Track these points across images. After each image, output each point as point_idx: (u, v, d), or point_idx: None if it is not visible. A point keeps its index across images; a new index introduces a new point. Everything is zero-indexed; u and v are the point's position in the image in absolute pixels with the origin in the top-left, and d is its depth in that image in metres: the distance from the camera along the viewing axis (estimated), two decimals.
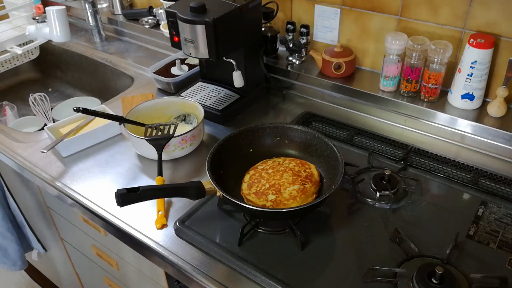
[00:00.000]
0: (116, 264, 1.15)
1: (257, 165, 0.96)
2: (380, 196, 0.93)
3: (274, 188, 0.88)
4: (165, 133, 1.03)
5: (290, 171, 0.91)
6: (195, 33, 1.02)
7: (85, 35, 1.77)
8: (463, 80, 1.07)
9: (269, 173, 0.92)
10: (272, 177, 0.90)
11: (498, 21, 1.02)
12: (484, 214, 0.88)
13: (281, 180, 0.89)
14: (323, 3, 1.25)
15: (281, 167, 0.93)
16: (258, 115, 1.23)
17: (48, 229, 1.38)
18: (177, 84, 1.31)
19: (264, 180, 0.90)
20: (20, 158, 1.11)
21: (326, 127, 1.16)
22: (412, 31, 1.14)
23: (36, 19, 1.65)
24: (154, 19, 1.65)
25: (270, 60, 1.34)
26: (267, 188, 0.88)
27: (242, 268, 0.79)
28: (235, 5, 1.05)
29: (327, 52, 1.24)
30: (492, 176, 0.97)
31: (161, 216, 0.90)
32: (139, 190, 0.79)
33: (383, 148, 1.07)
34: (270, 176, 0.91)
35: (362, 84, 1.22)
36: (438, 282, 0.71)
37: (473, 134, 1.07)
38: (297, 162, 0.94)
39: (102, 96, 1.62)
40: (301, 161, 0.95)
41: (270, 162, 0.96)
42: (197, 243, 0.84)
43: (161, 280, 1.01)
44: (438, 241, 0.82)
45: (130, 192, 0.78)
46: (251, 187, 0.90)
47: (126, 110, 1.25)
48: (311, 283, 0.76)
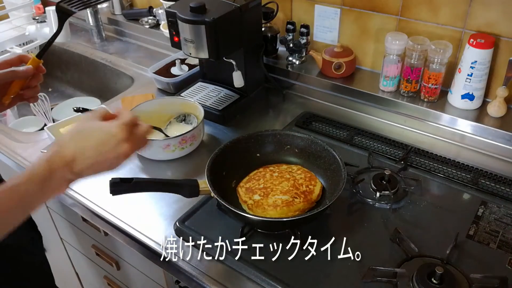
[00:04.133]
0: (116, 264, 1.15)
1: (270, 165, 0.96)
2: (380, 196, 0.93)
3: (265, 190, 0.87)
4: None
5: (293, 181, 0.90)
6: (195, 33, 1.02)
7: (85, 35, 1.77)
8: (463, 80, 1.07)
9: (273, 176, 0.91)
10: (272, 180, 0.90)
11: (498, 21, 1.02)
12: (484, 214, 0.88)
13: (276, 186, 0.88)
14: (323, 3, 1.25)
15: (288, 174, 0.91)
16: (258, 115, 1.23)
17: (48, 229, 1.38)
18: (177, 84, 1.31)
19: (263, 180, 0.90)
20: (20, 158, 1.11)
21: (326, 127, 1.16)
22: (412, 31, 1.14)
23: (36, 19, 1.65)
24: (154, 19, 1.65)
25: (270, 60, 1.34)
26: (259, 187, 0.88)
27: (242, 268, 0.79)
28: (235, 5, 1.05)
29: (327, 52, 1.24)
30: (492, 176, 0.97)
31: None
32: (132, 180, 0.79)
33: (383, 148, 1.07)
34: (270, 178, 0.90)
35: (362, 84, 1.22)
36: (438, 282, 0.71)
37: (473, 134, 1.07)
38: (307, 176, 0.91)
39: (102, 96, 1.62)
40: (312, 176, 0.92)
41: (285, 166, 0.95)
42: (197, 243, 0.84)
43: (161, 280, 1.01)
44: (438, 241, 0.82)
45: (123, 181, 0.78)
46: (249, 182, 0.90)
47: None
48: (311, 283, 0.76)
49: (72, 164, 0.63)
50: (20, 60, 0.86)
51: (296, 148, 0.97)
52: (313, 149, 0.96)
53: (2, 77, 0.82)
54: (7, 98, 0.86)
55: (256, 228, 0.85)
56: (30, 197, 0.61)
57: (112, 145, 0.64)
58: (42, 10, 1.70)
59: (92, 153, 0.64)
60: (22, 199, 0.60)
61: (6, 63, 0.84)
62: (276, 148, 0.98)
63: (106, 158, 0.64)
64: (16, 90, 0.86)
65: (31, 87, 0.88)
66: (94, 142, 0.64)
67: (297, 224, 0.82)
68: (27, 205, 0.62)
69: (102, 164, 0.65)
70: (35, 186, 0.61)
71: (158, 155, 1.05)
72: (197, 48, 1.05)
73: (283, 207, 0.84)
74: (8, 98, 0.86)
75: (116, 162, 0.66)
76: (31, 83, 0.87)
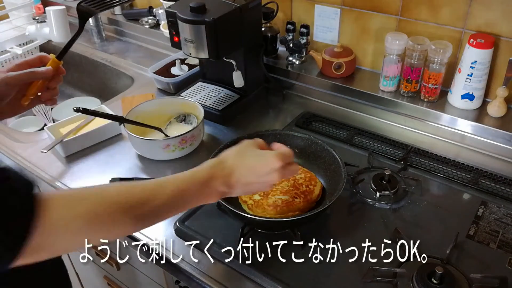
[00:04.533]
0: (116, 264, 1.15)
1: None
2: (380, 196, 0.93)
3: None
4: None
5: (293, 181, 0.89)
6: (195, 33, 1.02)
7: (85, 35, 1.77)
8: (463, 80, 1.07)
9: None
10: None
11: (498, 21, 1.02)
12: (484, 214, 0.88)
13: (276, 186, 0.88)
14: (323, 3, 1.25)
15: None
16: (258, 115, 1.23)
17: None
18: (177, 84, 1.31)
19: None
20: (20, 158, 1.11)
21: (326, 127, 1.16)
22: (412, 31, 1.14)
23: (36, 19, 1.65)
24: (154, 19, 1.65)
25: (270, 60, 1.34)
26: None
27: (242, 268, 0.79)
28: (235, 5, 1.05)
29: (327, 52, 1.24)
30: (492, 176, 0.97)
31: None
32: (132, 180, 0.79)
33: (383, 148, 1.07)
34: None
35: (362, 84, 1.22)
36: (438, 282, 0.71)
37: (473, 134, 1.07)
38: (307, 176, 0.92)
39: (102, 96, 1.62)
40: (312, 176, 0.92)
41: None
42: (197, 243, 0.84)
43: (161, 280, 1.01)
44: (438, 241, 0.82)
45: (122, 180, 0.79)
46: None
47: (126, 110, 1.24)
48: (311, 283, 0.76)
49: (229, 178, 0.68)
50: (40, 61, 0.85)
51: (296, 148, 0.97)
52: (313, 149, 0.96)
53: (21, 78, 0.81)
54: (26, 99, 0.84)
55: (256, 228, 0.85)
56: (189, 196, 0.66)
57: (265, 171, 0.69)
58: (42, 10, 1.69)
59: (247, 172, 0.69)
60: (183, 194, 0.65)
61: (26, 63, 0.83)
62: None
63: (257, 181, 0.69)
64: (35, 91, 0.84)
65: (50, 88, 0.87)
66: (251, 164, 0.69)
67: (297, 224, 0.82)
68: (185, 202, 0.67)
69: (251, 185, 0.70)
70: (195, 187, 0.66)
71: (158, 155, 1.05)
72: (197, 48, 1.05)
73: (283, 207, 0.84)
74: (27, 99, 0.84)
75: (262, 187, 0.72)
76: (50, 84, 0.86)
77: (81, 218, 0.54)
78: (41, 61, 0.85)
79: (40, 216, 0.50)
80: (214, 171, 0.67)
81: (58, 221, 0.52)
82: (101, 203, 0.57)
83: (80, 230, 0.55)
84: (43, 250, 0.52)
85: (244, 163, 0.69)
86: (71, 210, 0.54)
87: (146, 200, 0.61)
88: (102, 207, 0.57)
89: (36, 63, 0.84)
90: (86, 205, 0.56)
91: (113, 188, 0.63)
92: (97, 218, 0.56)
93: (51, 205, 0.52)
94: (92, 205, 0.56)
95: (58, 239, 0.53)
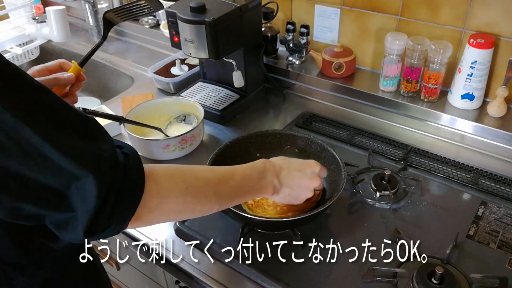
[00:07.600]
0: (116, 264, 1.15)
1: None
2: (380, 196, 0.93)
3: None
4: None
5: None
6: (195, 33, 1.02)
7: (85, 35, 1.77)
8: (463, 80, 1.07)
9: None
10: None
11: (498, 21, 1.02)
12: (484, 214, 0.88)
13: None
14: (323, 3, 1.25)
15: None
16: (258, 115, 1.23)
17: None
18: (177, 84, 1.31)
19: None
20: None
21: (326, 127, 1.16)
22: (412, 31, 1.14)
23: (36, 19, 1.65)
24: (154, 19, 1.65)
25: (270, 60, 1.34)
26: None
27: (242, 268, 0.79)
28: (235, 5, 1.05)
29: (327, 52, 1.24)
30: (492, 176, 0.97)
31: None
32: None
33: (383, 148, 1.07)
34: None
35: (362, 84, 1.22)
36: (438, 282, 0.71)
37: (473, 134, 1.07)
38: None
39: (102, 96, 1.62)
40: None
41: None
42: (197, 243, 0.84)
43: (161, 280, 1.01)
44: (438, 241, 0.82)
45: None
46: None
47: (126, 110, 1.24)
48: (311, 283, 0.76)
49: (279, 173, 0.74)
50: (60, 67, 0.86)
51: (296, 148, 0.97)
52: (313, 149, 0.96)
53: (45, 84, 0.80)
54: None
55: (256, 228, 0.85)
56: (251, 183, 0.71)
57: (308, 174, 0.76)
58: (42, 10, 1.69)
59: (294, 172, 0.76)
60: (248, 180, 0.71)
61: (46, 69, 0.84)
62: (276, 148, 0.98)
63: (302, 182, 0.76)
64: None
65: (70, 95, 0.87)
66: (296, 167, 0.77)
67: (297, 224, 0.82)
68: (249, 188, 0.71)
69: (298, 187, 0.76)
70: (255, 175, 0.71)
71: (158, 155, 1.05)
72: (197, 48, 1.05)
73: (283, 207, 0.84)
74: None
75: (306, 190, 0.77)
76: (70, 90, 0.87)
77: (180, 185, 0.61)
78: (60, 67, 0.86)
79: (150, 180, 0.56)
80: (268, 165, 0.74)
81: (162, 186, 0.58)
82: (194, 176, 0.64)
83: (180, 196, 0.60)
84: (151, 213, 0.57)
85: (289, 164, 0.76)
86: (171, 178, 0.61)
87: (226, 177, 0.68)
88: (195, 179, 0.64)
89: (56, 69, 0.85)
90: (183, 176, 0.62)
91: (197, 166, 0.70)
92: (192, 188, 0.62)
93: (155, 172, 0.58)
94: (187, 177, 0.63)
95: (163, 203, 0.58)
